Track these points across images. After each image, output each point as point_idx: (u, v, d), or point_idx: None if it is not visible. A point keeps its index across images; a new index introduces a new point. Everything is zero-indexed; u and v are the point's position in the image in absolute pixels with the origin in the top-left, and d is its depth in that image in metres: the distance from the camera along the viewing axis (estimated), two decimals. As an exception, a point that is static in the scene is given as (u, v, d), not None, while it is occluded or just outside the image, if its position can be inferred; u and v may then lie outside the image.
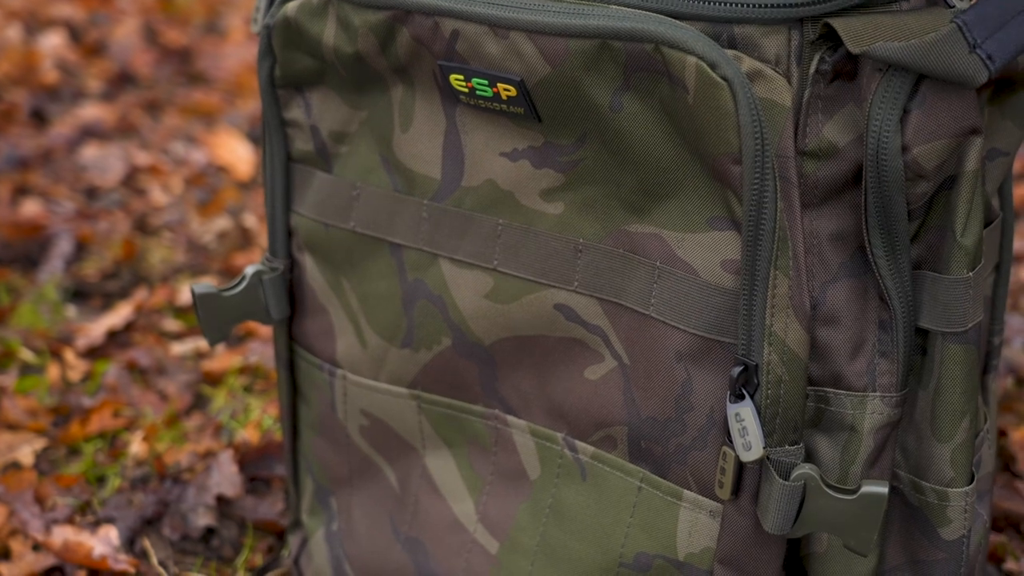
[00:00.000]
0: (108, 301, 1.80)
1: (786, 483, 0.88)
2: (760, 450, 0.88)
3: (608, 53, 0.89)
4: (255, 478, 1.41)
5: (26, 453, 1.44)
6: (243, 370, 1.61)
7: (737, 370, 0.88)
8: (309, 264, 1.12)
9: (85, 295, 1.82)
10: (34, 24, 2.66)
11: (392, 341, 1.07)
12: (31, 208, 1.98)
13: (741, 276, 0.88)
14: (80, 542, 1.29)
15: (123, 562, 1.28)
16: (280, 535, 1.34)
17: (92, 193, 2.08)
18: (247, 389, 1.58)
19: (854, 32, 0.84)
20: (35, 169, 2.12)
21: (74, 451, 1.47)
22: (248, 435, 1.46)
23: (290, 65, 1.07)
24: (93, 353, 1.66)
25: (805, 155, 0.87)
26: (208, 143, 2.22)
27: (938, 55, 0.83)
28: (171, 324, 1.72)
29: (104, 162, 2.15)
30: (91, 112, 2.32)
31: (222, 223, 1.98)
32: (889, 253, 0.88)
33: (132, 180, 2.12)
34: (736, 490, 0.91)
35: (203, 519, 1.35)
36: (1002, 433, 1.40)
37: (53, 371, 1.61)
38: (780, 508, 0.89)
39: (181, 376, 1.60)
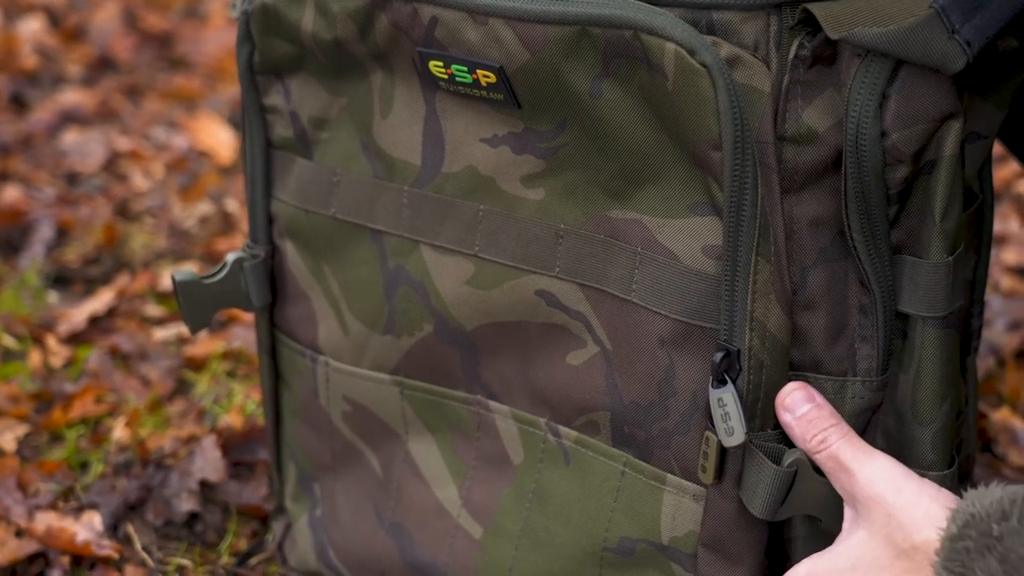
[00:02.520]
0: (90, 287, 1.80)
1: (779, 468, 0.89)
2: (742, 435, 0.89)
3: (587, 40, 0.89)
4: (238, 463, 1.41)
5: (8, 439, 1.44)
6: (226, 355, 1.61)
7: (719, 355, 0.89)
8: (290, 250, 1.12)
9: (67, 281, 1.82)
10: (13, 9, 2.65)
11: (374, 327, 1.07)
12: (11, 194, 1.97)
13: (723, 262, 0.88)
14: (63, 528, 1.29)
15: (107, 547, 1.28)
16: (264, 520, 1.34)
17: (73, 179, 2.07)
18: (230, 374, 1.58)
19: (833, 17, 0.84)
20: (15, 155, 2.12)
21: (57, 437, 1.47)
22: (231, 420, 1.46)
23: (269, 51, 1.07)
24: (75, 339, 1.66)
25: (784, 140, 0.87)
26: (189, 128, 2.22)
27: (917, 41, 0.83)
28: (153, 309, 1.72)
29: (85, 147, 2.14)
30: (71, 97, 2.32)
31: (204, 208, 1.98)
32: (869, 238, 0.88)
33: (113, 165, 2.12)
34: (719, 474, 0.91)
35: (187, 504, 1.34)
36: (982, 415, 1.41)
37: (35, 357, 1.60)
38: (770, 493, 0.89)
39: (164, 361, 1.60)
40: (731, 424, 0.89)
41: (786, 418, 0.90)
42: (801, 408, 0.89)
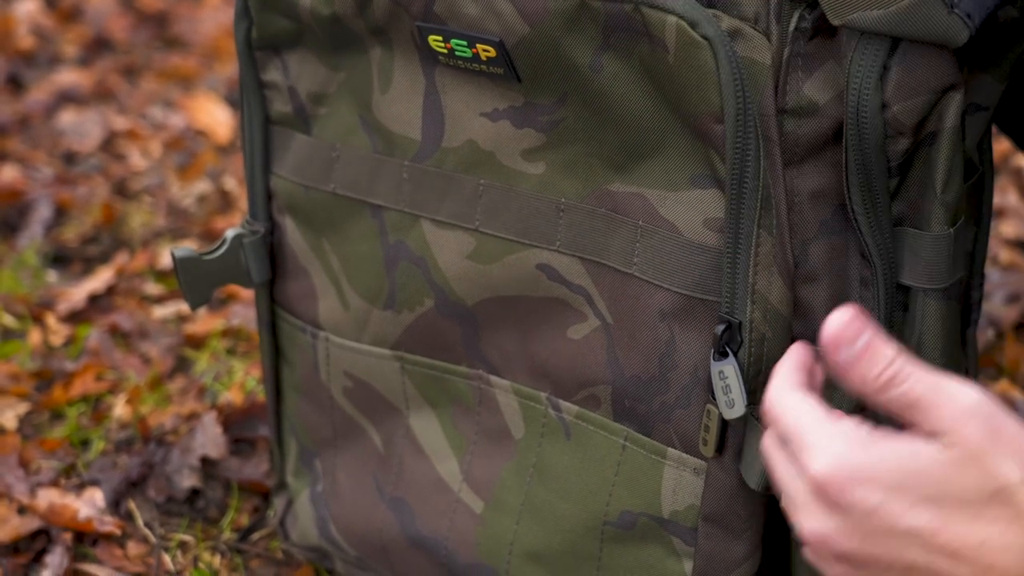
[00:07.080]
0: (89, 266, 1.80)
1: (771, 441, 0.89)
2: (743, 408, 0.89)
3: (587, 13, 0.89)
4: (239, 439, 1.41)
5: (9, 418, 1.44)
6: (225, 332, 1.61)
7: (721, 328, 0.89)
8: (290, 226, 1.12)
9: (65, 260, 1.82)
10: (9, -12, 2.64)
11: (374, 303, 1.07)
12: (9, 174, 1.97)
13: (724, 234, 0.88)
14: (65, 504, 1.29)
15: (109, 524, 1.28)
16: (265, 495, 1.34)
17: (71, 158, 2.07)
18: (230, 351, 1.59)
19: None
20: (13, 135, 2.12)
21: (57, 415, 1.47)
22: (232, 397, 1.46)
23: (267, 27, 1.07)
24: (75, 317, 1.66)
25: (785, 113, 0.87)
26: (186, 107, 2.22)
27: (917, 19, 0.83)
28: (152, 288, 1.72)
29: (82, 127, 2.14)
30: (68, 77, 2.32)
31: (202, 187, 1.98)
32: (870, 210, 0.88)
33: (110, 145, 2.12)
34: (720, 448, 0.92)
35: (188, 480, 1.35)
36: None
37: (35, 336, 1.61)
38: (764, 466, 0.89)
39: (163, 339, 1.60)
40: (732, 397, 0.89)
41: (844, 356, 0.73)
42: (862, 338, 0.72)
